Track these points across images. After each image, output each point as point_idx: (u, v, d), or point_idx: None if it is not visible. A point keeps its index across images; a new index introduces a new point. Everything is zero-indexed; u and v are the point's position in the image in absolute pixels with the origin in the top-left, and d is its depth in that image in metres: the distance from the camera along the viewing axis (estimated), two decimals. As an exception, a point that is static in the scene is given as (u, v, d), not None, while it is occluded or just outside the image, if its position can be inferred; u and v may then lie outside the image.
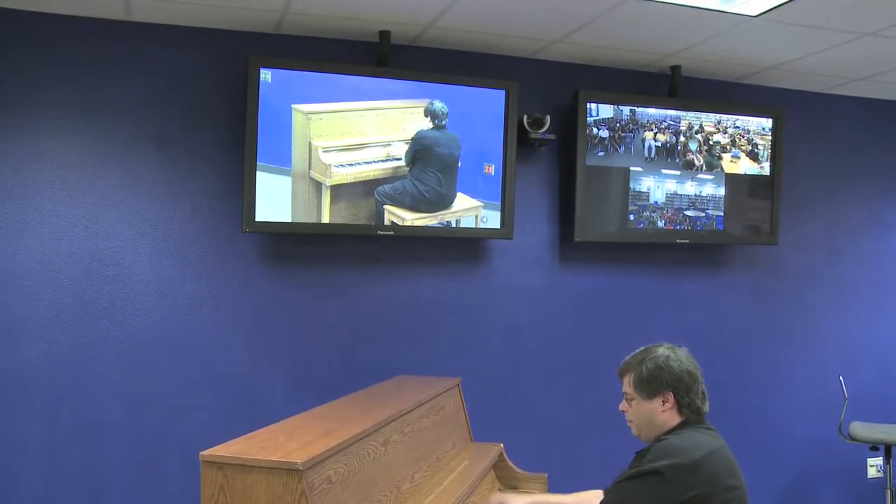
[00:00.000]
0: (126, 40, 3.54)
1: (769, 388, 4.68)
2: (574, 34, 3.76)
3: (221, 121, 3.65)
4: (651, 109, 4.19)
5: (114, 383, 3.52)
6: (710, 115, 4.30)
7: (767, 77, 4.48)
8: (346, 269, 3.86)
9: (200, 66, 3.63)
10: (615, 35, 3.77)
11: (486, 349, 4.10)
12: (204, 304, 3.65)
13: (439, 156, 3.80)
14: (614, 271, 4.33)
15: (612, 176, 4.14)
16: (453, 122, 3.82)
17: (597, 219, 4.10)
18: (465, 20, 3.58)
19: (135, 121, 3.55)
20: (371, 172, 3.70)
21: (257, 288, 3.72)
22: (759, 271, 4.66)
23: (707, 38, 3.80)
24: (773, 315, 4.70)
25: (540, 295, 4.19)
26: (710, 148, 4.32)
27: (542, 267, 4.20)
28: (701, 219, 4.31)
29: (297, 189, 3.58)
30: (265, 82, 3.48)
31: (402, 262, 3.96)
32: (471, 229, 3.90)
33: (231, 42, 3.66)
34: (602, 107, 4.10)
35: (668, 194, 4.24)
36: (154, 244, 3.59)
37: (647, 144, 4.19)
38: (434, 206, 3.81)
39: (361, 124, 3.66)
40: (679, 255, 4.47)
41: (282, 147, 3.53)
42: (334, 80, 3.61)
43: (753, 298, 4.66)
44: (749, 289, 4.65)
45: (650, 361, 2.37)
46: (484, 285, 4.10)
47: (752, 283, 4.65)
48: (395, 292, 3.94)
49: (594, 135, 4.08)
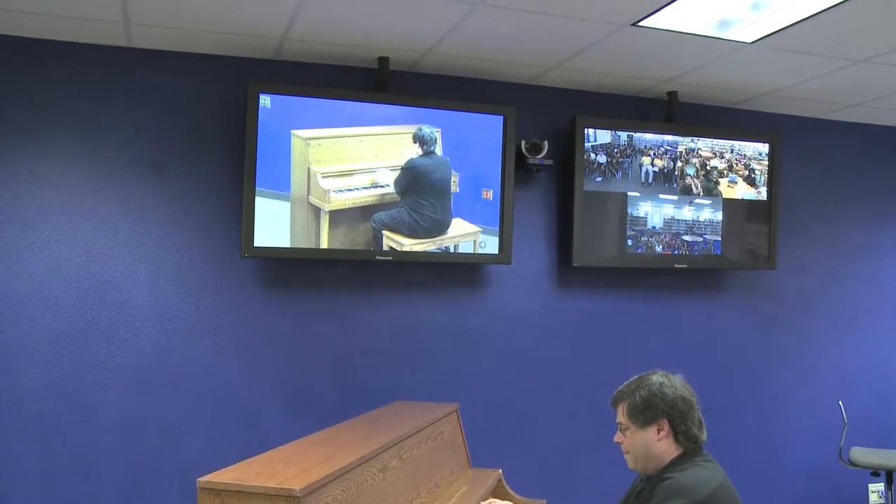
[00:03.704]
0: (126, 66, 3.56)
1: (767, 414, 4.67)
2: (571, 60, 3.78)
3: (221, 146, 3.67)
4: (648, 135, 4.21)
5: (111, 408, 3.51)
6: (707, 140, 4.32)
7: (763, 103, 4.51)
8: (345, 294, 3.86)
9: (200, 92, 3.66)
10: (612, 61, 3.78)
11: (484, 374, 4.09)
12: (202, 329, 3.65)
13: (432, 183, 3.81)
14: (612, 296, 4.32)
15: (609, 201, 4.14)
16: (451, 148, 3.83)
17: (595, 244, 4.11)
18: (463, 46, 3.60)
19: (134, 146, 3.57)
20: (369, 198, 3.72)
21: (256, 313, 3.72)
22: (756, 295, 4.66)
23: (703, 65, 3.82)
24: (770, 339, 4.69)
25: (538, 320, 4.19)
26: (708, 173, 4.33)
27: (540, 292, 4.20)
28: (699, 244, 4.32)
29: (296, 214, 3.59)
30: (264, 108, 3.50)
31: (401, 287, 3.95)
32: (469, 254, 3.91)
33: (230, 68, 3.69)
34: (600, 132, 4.11)
35: (665, 219, 4.25)
36: (152, 269, 3.60)
37: (645, 170, 4.20)
38: (431, 233, 3.82)
39: (360, 150, 3.68)
40: (677, 280, 4.47)
41: (281, 172, 3.55)
42: (333, 106, 3.63)
43: (751, 323, 4.65)
44: (747, 313, 4.65)
45: (644, 389, 2.33)
46: (482, 310, 4.10)
47: (750, 308, 4.65)
48: (393, 317, 3.94)
49: (592, 160, 4.10)
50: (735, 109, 4.61)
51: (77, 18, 3.24)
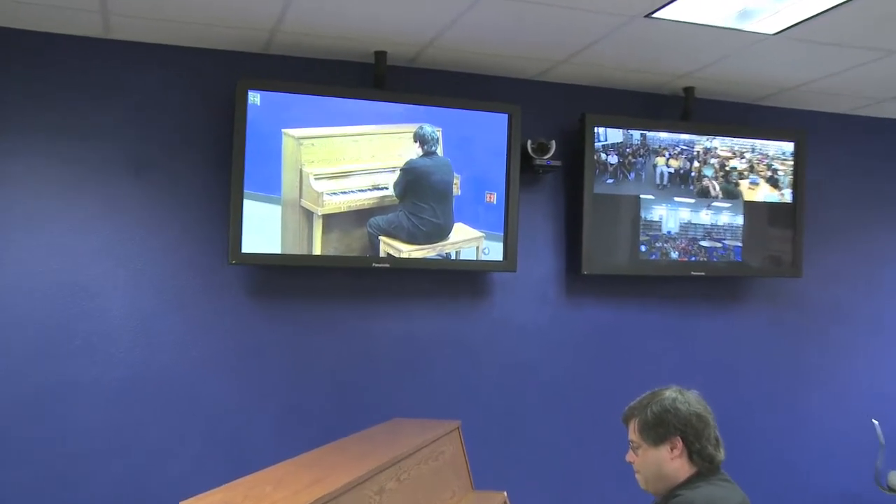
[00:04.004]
0: (104, 59, 3.57)
1: (794, 435, 4.64)
2: (580, 54, 3.77)
3: (206, 145, 3.67)
4: (663, 134, 4.21)
5: (87, 427, 3.50)
6: (726, 139, 4.31)
7: (787, 98, 4.49)
8: (339, 303, 3.86)
9: (184, 88, 3.66)
10: (624, 55, 3.78)
11: (487, 389, 4.08)
12: (186, 341, 3.64)
13: (433, 185, 3.81)
14: (624, 306, 4.31)
15: (621, 204, 4.14)
16: (452, 148, 3.84)
17: (605, 250, 4.10)
18: (465, 40, 3.60)
19: (113, 145, 3.57)
20: (365, 201, 3.73)
21: (243, 323, 3.72)
22: (780, 306, 4.65)
23: (722, 58, 3.81)
24: (796, 354, 4.67)
25: (545, 331, 4.19)
26: (727, 174, 4.33)
27: (546, 301, 4.20)
28: (717, 250, 4.30)
29: (287, 218, 3.60)
30: (253, 105, 3.51)
31: (399, 297, 3.96)
32: (471, 261, 3.91)
33: (217, 62, 3.69)
34: (611, 131, 4.11)
35: (681, 224, 4.24)
36: (132, 276, 3.59)
37: (659, 171, 4.20)
38: (431, 238, 3.83)
39: (355, 150, 3.69)
40: (694, 289, 4.45)
41: (271, 174, 3.55)
42: (327, 103, 3.64)
43: (775, 335, 4.63)
44: (770, 325, 4.63)
45: (656, 405, 2.33)
46: (485, 321, 4.09)
47: (774, 319, 4.63)
48: (390, 328, 3.94)
49: (602, 161, 4.09)
50: (756, 106, 4.61)
51: (48, 6, 3.21)
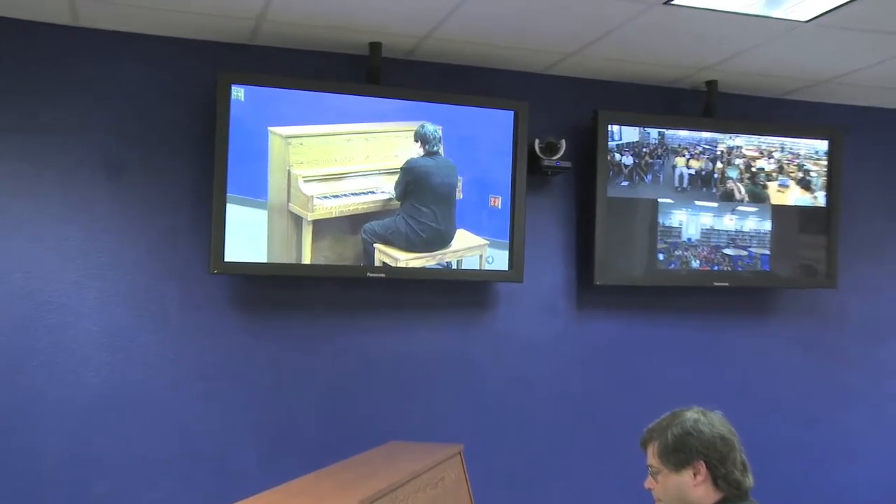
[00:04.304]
0: (72, 49, 3.56)
1: (829, 462, 4.61)
2: (593, 46, 3.77)
3: (185, 145, 3.67)
4: (683, 132, 4.21)
5: (52, 452, 3.48)
6: (752, 137, 4.31)
7: (821, 92, 4.48)
8: (331, 316, 3.87)
9: (160, 82, 3.66)
10: (641, 46, 3.78)
11: (491, 410, 4.09)
12: (163, 358, 3.64)
13: (434, 187, 3.82)
14: (640, 320, 4.31)
15: (637, 209, 4.14)
16: (453, 148, 3.85)
17: (620, 259, 4.10)
18: (467, 31, 3.60)
19: (83, 144, 3.57)
20: (359, 206, 3.73)
21: (226, 339, 3.73)
22: (813, 320, 4.63)
23: (749, 48, 3.79)
24: (833, 372, 4.64)
25: (554, 347, 4.19)
26: (753, 176, 4.31)
27: (556, 314, 4.21)
28: (743, 258, 4.30)
29: (274, 224, 3.60)
30: (237, 101, 3.51)
31: (396, 309, 3.97)
32: (474, 271, 3.92)
33: (197, 54, 3.69)
34: (626, 129, 4.11)
35: (703, 230, 4.24)
36: (104, 288, 3.58)
37: (679, 172, 4.20)
38: (431, 246, 3.83)
39: (348, 150, 3.70)
40: (717, 301, 4.44)
41: (256, 176, 3.56)
42: (317, 99, 3.65)
43: (807, 353, 4.61)
44: (802, 341, 4.61)
45: (676, 427, 2.32)
46: (489, 336, 4.10)
47: (806, 335, 4.61)
48: (387, 344, 3.95)
49: (616, 161, 4.09)
50: (786, 101, 4.60)
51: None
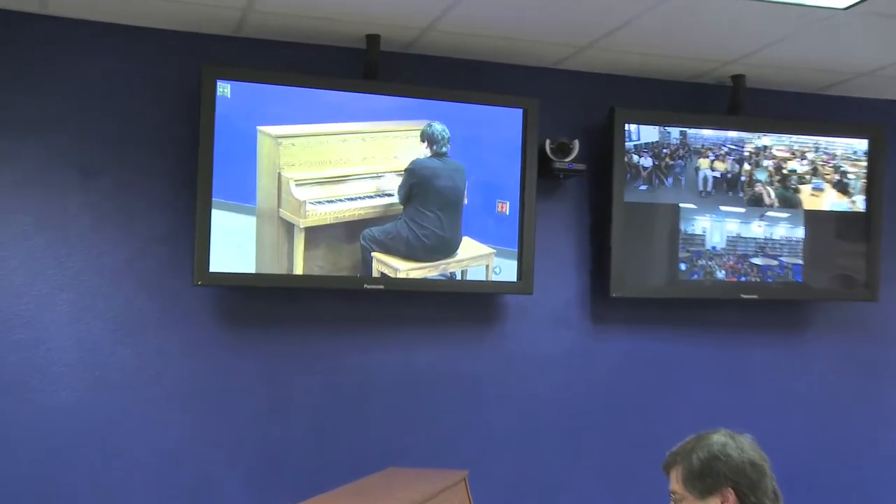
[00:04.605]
0: (42, 40, 3.55)
1: (871, 490, 4.58)
2: (609, 37, 3.75)
3: (166, 145, 3.66)
4: (707, 131, 4.20)
5: (19, 479, 3.47)
6: (783, 136, 4.30)
7: (860, 86, 4.46)
8: (325, 332, 3.87)
9: (139, 76, 3.65)
10: (661, 38, 3.77)
11: (498, 433, 4.08)
12: (142, 377, 3.62)
13: (440, 191, 3.82)
14: (661, 335, 4.31)
15: (657, 215, 4.15)
16: (457, 149, 3.84)
17: (638, 269, 4.10)
18: (472, 22, 3.59)
19: (53, 143, 3.55)
20: (356, 211, 3.73)
21: (211, 356, 3.72)
22: (853, 335, 4.60)
23: (780, 39, 3.76)
24: (875, 394, 4.62)
25: (567, 365, 4.19)
26: (784, 178, 4.30)
27: (569, 329, 4.20)
28: (773, 268, 4.28)
29: (264, 232, 3.60)
30: (223, 98, 3.52)
31: (395, 324, 3.97)
32: (480, 283, 3.92)
33: (180, 47, 3.69)
34: (644, 128, 4.11)
35: (729, 238, 4.22)
36: (77, 301, 3.57)
37: (702, 175, 4.19)
38: (434, 254, 3.83)
39: (344, 151, 3.70)
40: (745, 315, 4.42)
41: (244, 179, 3.56)
42: (310, 96, 3.65)
43: (846, 371, 4.58)
44: (840, 359, 4.58)
45: (702, 450, 2.32)
46: (496, 353, 4.09)
47: (845, 352, 4.59)
48: (385, 361, 3.95)
49: (634, 163, 4.09)
50: (821, 96, 4.58)
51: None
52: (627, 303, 4.20)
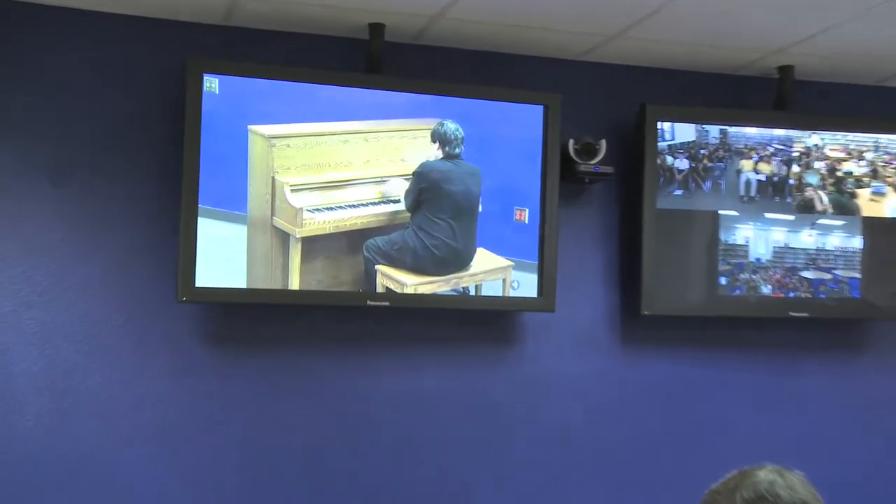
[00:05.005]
0: (6, 29, 3.53)
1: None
2: (640, 25, 3.73)
3: (148, 146, 3.66)
4: (750, 129, 4.20)
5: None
6: (837, 134, 4.28)
7: (928, 77, 4.46)
8: (324, 354, 3.87)
9: (117, 70, 3.65)
10: (699, 25, 3.75)
11: (516, 467, 4.06)
12: (118, 406, 3.60)
13: (452, 197, 3.82)
14: (698, 358, 4.29)
15: (694, 223, 4.15)
16: (471, 151, 3.85)
17: (673, 284, 4.10)
18: (487, 9, 3.59)
19: (21, 143, 3.55)
20: (359, 220, 3.73)
21: (197, 382, 3.71)
22: (920, 359, 4.61)
23: (835, 25, 3.71)
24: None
25: (593, 390, 4.17)
26: (839, 181, 4.28)
27: (595, 351, 4.18)
28: (826, 283, 4.26)
29: (256, 242, 3.60)
30: (210, 93, 3.52)
31: (402, 345, 3.97)
32: (496, 299, 3.93)
33: (161, 36, 3.69)
34: (679, 127, 4.12)
35: (775, 248, 4.21)
36: (46, 320, 3.55)
37: (745, 178, 4.18)
38: (445, 267, 3.83)
39: (345, 153, 3.71)
40: (794, 335, 4.39)
41: (234, 184, 3.57)
42: (307, 92, 3.67)
43: (915, 398, 4.59)
44: (905, 382, 4.59)
45: (747, 489, 2.14)
46: (515, 377, 4.08)
47: (912, 376, 4.59)
48: (390, 387, 3.94)
49: (668, 166, 4.10)
50: (881, 88, 4.56)
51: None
52: (661, 322, 4.18)
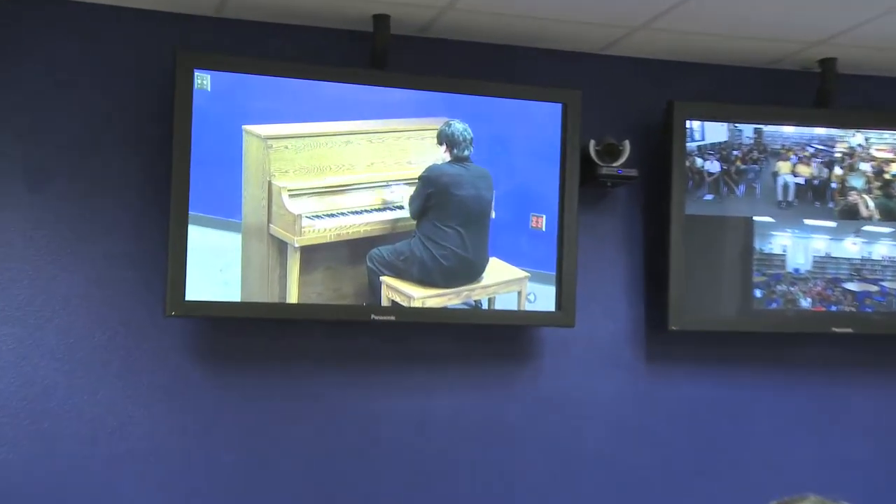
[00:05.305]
0: None
1: None
2: (666, 16, 3.72)
3: (134, 148, 3.66)
4: (788, 127, 4.20)
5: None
6: (884, 133, 4.29)
7: None
8: (323, 373, 3.87)
9: (101, 65, 3.66)
10: (731, 14, 3.74)
11: (533, 496, 4.06)
12: (102, 430, 3.60)
13: (462, 203, 3.82)
14: (731, 377, 4.27)
15: (726, 230, 4.16)
16: (483, 152, 3.85)
17: (703, 296, 4.10)
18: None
19: None
20: (362, 227, 3.73)
21: (187, 403, 3.71)
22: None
23: (882, 14, 3.68)
24: None
25: (616, 413, 4.17)
26: (887, 185, 4.28)
27: (619, 369, 4.18)
28: (872, 295, 4.25)
29: (251, 252, 3.60)
30: (202, 91, 3.52)
31: (409, 363, 3.97)
32: (511, 313, 3.94)
33: (149, 29, 3.69)
34: (710, 125, 4.12)
35: (816, 258, 4.20)
36: (24, 336, 3.55)
37: (782, 182, 4.17)
38: (455, 279, 3.83)
39: (347, 155, 3.71)
40: (837, 353, 4.38)
41: (227, 189, 3.57)
42: (306, 89, 3.67)
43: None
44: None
45: None
46: (531, 398, 4.08)
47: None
48: (396, 409, 3.94)
49: (698, 168, 4.10)
50: None
51: None
52: (690, 337, 4.18)
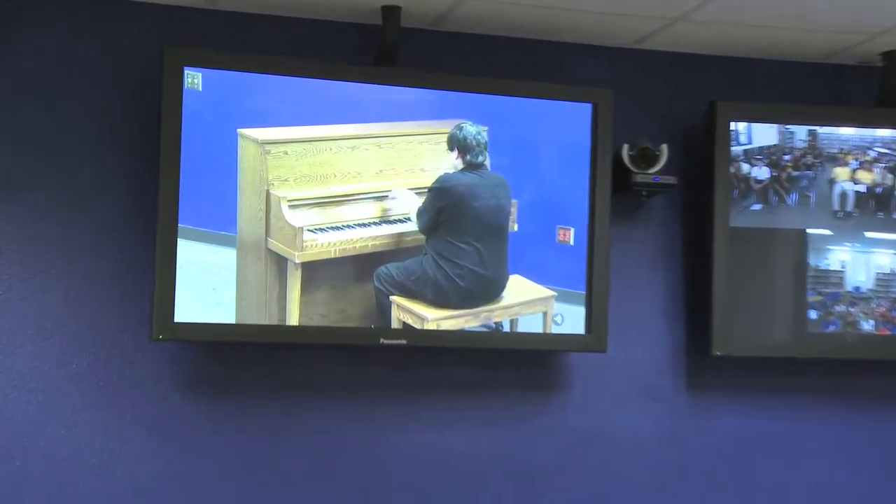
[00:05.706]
0: None
1: None
2: (708, 6, 3.71)
3: (118, 153, 3.68)
4: (846, 129, 4.20)
5: None
6: None
7: None
8: (328, 403, 3.88)
9: (82, 61, 3.68)
10: (780, 2, 3.74)
11: None
12: (80, 468, 3.60)
13: (479, 215, 3.82)
14: (783, 408, 4.27)
15: (776, 244, 4.16)
16: (503, 158, 3.86)
17: (750, 318, 4.08)
18: None
19: None
20: (369, 242, 3.74)
21: (176, 436, 3.71)
22: None
23: None
24: None
25: (654, 449, 4.17)
26: None
27: (657, 400, 4.18)
28: None
29: (247, 269, 3.61)
30: (193, 91, 3.53)
31: (421, 393, 3.98)
32: (536, 336, 3.94)
33: (134, 22, 3.71)
34: (757, 128, 4.12)
35: (879, 275, 4.19)
36: None
37: (840, 190, 4.17)
38: (473, 299, 3.83)
39: (353, 162, 3.72)
40: None
41: (220, 199, 3.58)
42: (307, 89, 3.69)
43: None
44: None
45: None
46: (558, 432, 4.08)
47: None
48: (408, 443, 3.95)
49: (744, 175, 4.09)
50: None
51: None
52: (736, 364, 4.17)
